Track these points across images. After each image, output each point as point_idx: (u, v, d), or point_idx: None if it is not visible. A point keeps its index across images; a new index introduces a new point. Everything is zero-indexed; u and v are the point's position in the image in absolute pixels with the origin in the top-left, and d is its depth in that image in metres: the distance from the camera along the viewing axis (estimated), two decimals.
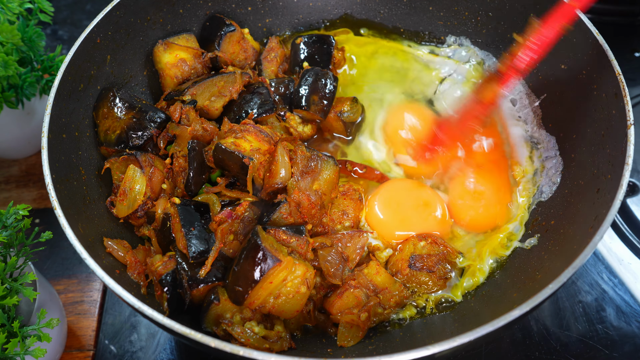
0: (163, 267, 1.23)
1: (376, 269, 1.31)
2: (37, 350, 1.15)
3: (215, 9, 1.71)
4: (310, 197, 1.31)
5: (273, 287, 1.16)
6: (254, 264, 1.14)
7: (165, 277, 1.22)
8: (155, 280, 1.24)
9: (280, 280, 1.15)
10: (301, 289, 1.18)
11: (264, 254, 1.14)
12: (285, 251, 1.19)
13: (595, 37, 1.36)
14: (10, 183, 1.81)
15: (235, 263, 1.18)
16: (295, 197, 1.31)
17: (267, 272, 1.14)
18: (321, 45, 1.68)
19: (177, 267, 1.22)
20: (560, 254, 1.24)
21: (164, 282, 1.22)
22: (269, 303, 1.17)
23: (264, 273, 1.13)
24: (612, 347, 1.43)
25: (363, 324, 1.26)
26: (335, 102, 1.59)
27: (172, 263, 1.24)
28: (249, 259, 1.15)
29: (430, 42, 1.77)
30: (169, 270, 1.23)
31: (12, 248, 1.27)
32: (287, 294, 1.17)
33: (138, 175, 1.35)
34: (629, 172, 1.17)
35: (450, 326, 1.29)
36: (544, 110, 1.57)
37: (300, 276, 1.17)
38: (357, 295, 1.28)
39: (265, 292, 1.16)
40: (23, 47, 1.55)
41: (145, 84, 1.63)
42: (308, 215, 1.32)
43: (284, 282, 1.16)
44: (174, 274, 1.23)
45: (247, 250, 1.16)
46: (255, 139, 1.37)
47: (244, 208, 1.30)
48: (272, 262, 1.14)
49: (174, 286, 1.22)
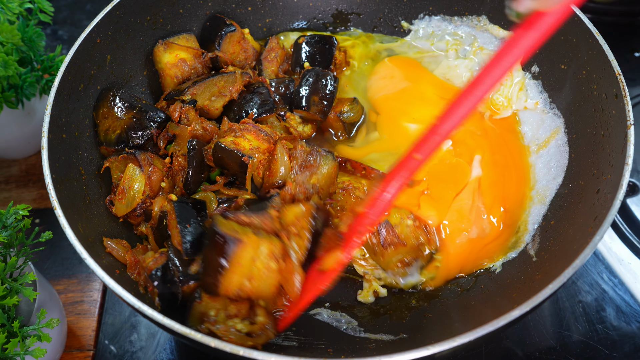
0: (154, 262, 1.23)
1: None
2: (37, 350, 1.15)
3: (216, 9, 1.71)
4: (307, 190, 1.32)
5: (244, 268, 1.14)
6: (218, 251, 1.13)
7: (155, 272, 1.22)
8: (146, 276, 1.24)
9: (249, 260, 1.13)
10: (271, 265, 1.16)
11: (225, 239, 1.12)
12: (250, 231, 1.17)
13: (595, 37, 1.36)
14: (10, 183, 1.81)
15: (203, 257, 1.18)
16: (290, 189, 1.30)
17: (232, 255, 1.12)
18: (323, 46, 1.68)
19: (169, 263, 1.22)
20: (560, 254, 1.24)
21: (153, 276, 1.22)
22: (245, 287, 1.15)
23: (228, 257, 1.12)
24: (612, 347, 1.43)
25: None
26: (335, 102, 1.60)
27: (163, 258, 1.24)
28: (211, 248, 1.14)
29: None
30: (158, 265, 1.23)
31: (12, 248, 1.27)
32: (259, 273, 1.15)
33: (137, 173, 1.36)
34: (629, 172, 1.17)
35: (450, 326, 1.29)
36: None
37: (267, 252, 1.15)
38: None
39: (236, 276, 1.14)
40: (23, 47, 1.55)
41: (145, 84, 1.63)
42: None
43: (253, 262, 1.14)
44: (164, 269, 1.23)
45: (208, 240, 1.15)
46: (254, 137, 1.37)
47: (240, 205, 1.30)
48: (233, 244, 1.12)
49: (164, 281, 1.22)
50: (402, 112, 1.63)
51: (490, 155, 1.53)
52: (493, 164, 1.52)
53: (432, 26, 1.77)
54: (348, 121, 1.59)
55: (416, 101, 1.65)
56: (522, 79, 1.62)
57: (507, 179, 1.51)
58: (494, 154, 1.53)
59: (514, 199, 1.48)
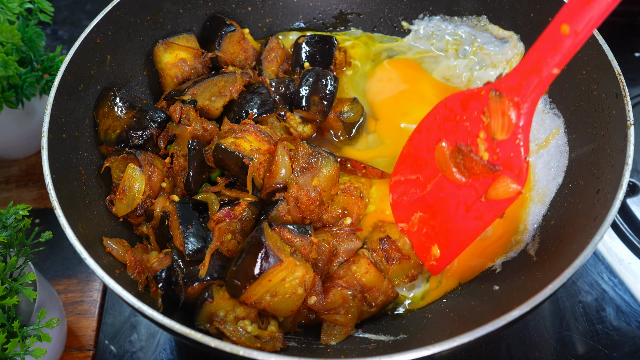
0: (158, 263, 1.24)
1: (366, 267, 1.30)
2: (37, 350, 1.15)
3: (216, 9, 1.71)
4: (309, 193, 1.32)
5: (271, 285, 1.16)
6: (256, 261, 1.14)
7: (160, 273, 1.23)
8: (150, 277, 1.24)
9: (279, 279, 1.16)
10: (298, 290, 1.18)
11: (267, 252, 1.14)
12: (288, 251, 1.19)
13: (595, 37, 1.36)
14: (10, 183, 1.81)
15: (237, 257, 1.19)
16: (294, 192, 1.31)
17: (267, 271, 1.14)
18: (323, 46, 1.68)
19: (173, 265, 1.23)
20: (560, 254, 1.24)
21: (158, 278, 1.22)
22: (265, 300, 1.17)
23: (264, 271, 1.14)
24: (612, 347, 1.43)
25: (348, 322, 1.26)
26: (335, 102, 1.60)
27: (168, 260, 1.24)
28: (251, 254, 1.15)
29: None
30: (164, 267, 1.23)
31: (12, 248, 1.27)
32: (283, 293, 1.17)
33: (137, 173, 1.35)
34: (629, 172, 1.17)
35: (450, 326, 1.29)
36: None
37: (299, 277, 1.17)
38: (344, 295, 1.27)
39: (262, 289, 1.16)
40: (23, 47, 1.56)
41: (146, 84, 1.63)
42: (307, 212, 1.32)
43: (282, 282, 1.16)
44: (169, 271, 1.23)
45: (250, 246, 1.17)
46: (255, 138, 1.37)
47: (242, 208, 1.30)
48: (273, 260, 1.14)
49: (168, 283, 1.23)
50: (401, 113, 1.63)
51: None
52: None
53: (432, 26, 1.77)
54: (348, 121, 1.59)
55: (415, 102, 1.65)
56: None
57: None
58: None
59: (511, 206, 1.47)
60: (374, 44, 1.80)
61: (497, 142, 1.16)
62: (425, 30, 1.78)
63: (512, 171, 1.15)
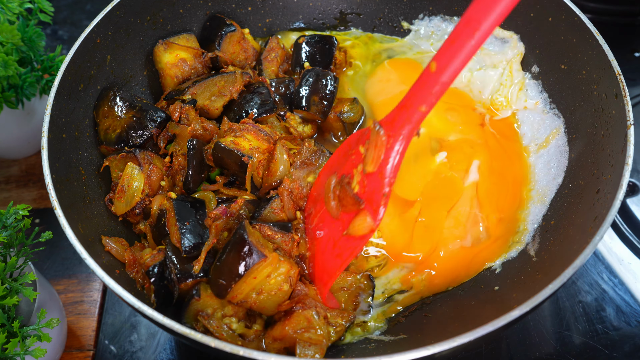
0: (151, 259, 1.24)
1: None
2: (37, 350, 1.15)
3: (216, 9, 1.71)
4: (301, 187, 1.32)
5: (257, 282, 1.15)
6: (239, 258, 1.13)
7: (152, 268, 1.23)
8: (143, 272, 1.24)
9: (264, 276, 1.15)
10: (284, 287, 1.17)
11: (250, 248, 1.13)
12: (271, 247, 1.19)
13: (595, 37, 1.36)
14: (10, 183, 1.81)
15: (220, 256, 1.18)
16: (287, 185, 1.31)
17: (252, 267, 1.13)
18: (323, 46, 1.68)
19: (166, 260, 1.23)
20: (560, 254, 1.24)
21: (150, 273, 1.22)
22: (251, 298, 1.17)
23: (248, 268, 1.13)
24: (612, 347, 1.43)
25: (320, 340, 1.17)
26: (335, 102, 1.60)
27: (160, 255, 1.24)
28: (233, 252, 1.15)
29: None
30: (156, 262, 1.23)
31: (12, 248, 1.27)
32: (269, 290, 1.17)
33: (136, 172, 1.36)
34: (629, 172, 1.17)
35: (450, 326, 1.29)
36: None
37: (284, 273, 1.17)
38: (307, 316, 1.18)
39: (248, 287, 1.15)
40: (23, 47, 1.56)
41: (145, 84, 1.63)
42: (300, 202, 1.33)
43: (268, 279, 1.16)
44: (161, 266, 1.23)
45: (232, 244, 1.16)
46: (254, 137, 1.37)
47: (239, 205, 1.30)
48: (257, 257, 1.13)
49: (160, 278, 1.23)
50: None
51: (487, 162, 1.52)
52: (489, 172, 1.51)
53: (432, 26, 1.77)
54: (348, 121, 1.59)
55: None
56: (522, 79, 1.62)
57: (503, 189, 1.49)
58: (492, 160, 1.53)
59: (509, 209, 1.47)
60: (374, 44, 1.80)
61: (367, 175, 1.19)
62: (425, 30, 1.78)
63: (372, 206, 1.17)
